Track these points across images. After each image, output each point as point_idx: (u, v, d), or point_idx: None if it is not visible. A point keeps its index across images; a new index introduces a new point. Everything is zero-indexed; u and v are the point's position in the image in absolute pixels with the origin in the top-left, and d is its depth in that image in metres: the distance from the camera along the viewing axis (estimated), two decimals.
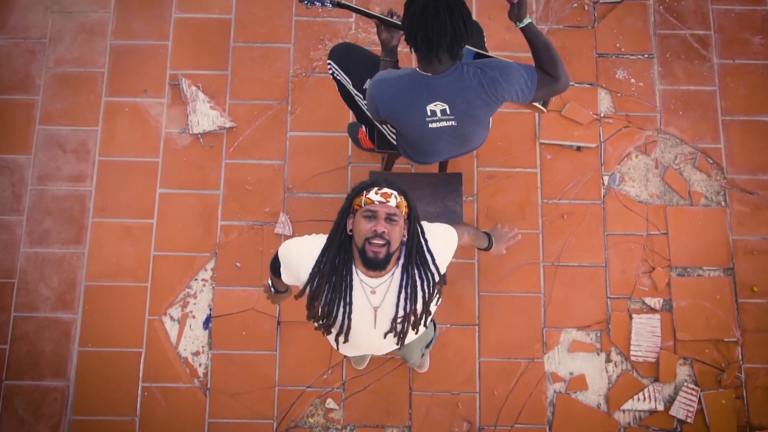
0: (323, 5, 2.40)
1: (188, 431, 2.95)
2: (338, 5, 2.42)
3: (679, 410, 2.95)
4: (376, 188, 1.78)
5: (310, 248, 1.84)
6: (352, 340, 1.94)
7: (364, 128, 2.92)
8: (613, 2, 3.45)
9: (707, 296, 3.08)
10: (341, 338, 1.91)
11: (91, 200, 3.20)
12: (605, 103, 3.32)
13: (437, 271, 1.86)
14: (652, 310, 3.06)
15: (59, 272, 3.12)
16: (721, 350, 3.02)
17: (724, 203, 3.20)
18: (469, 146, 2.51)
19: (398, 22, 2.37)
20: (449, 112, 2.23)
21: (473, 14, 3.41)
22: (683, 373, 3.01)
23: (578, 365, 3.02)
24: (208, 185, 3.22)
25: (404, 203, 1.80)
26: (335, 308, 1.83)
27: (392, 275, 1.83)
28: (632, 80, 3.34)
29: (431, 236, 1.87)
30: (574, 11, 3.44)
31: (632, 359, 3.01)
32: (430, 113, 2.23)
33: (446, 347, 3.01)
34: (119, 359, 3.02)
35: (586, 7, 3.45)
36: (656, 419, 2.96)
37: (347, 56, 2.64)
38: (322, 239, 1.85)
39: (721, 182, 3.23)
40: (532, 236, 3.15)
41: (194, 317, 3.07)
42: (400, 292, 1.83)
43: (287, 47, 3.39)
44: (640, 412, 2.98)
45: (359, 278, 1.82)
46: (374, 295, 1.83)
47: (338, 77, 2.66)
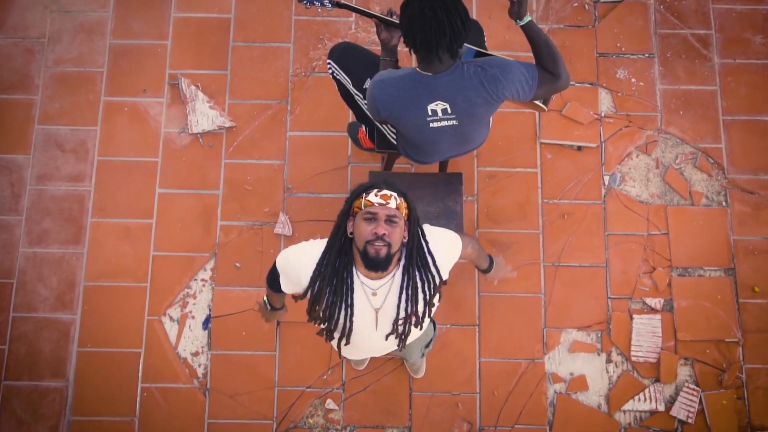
0: (322, 5, 2.39)
1: None
2: (338, 5, 2.40)
3: (680, 411, 2.95)
4: (375, 190, 1.77)
5: (309, 253, 1.84)
6: (353, 342, 1.94)
7: (363, 128, 2.91)
8: (613, 2, 3.44)
9: (708, 296, 3.07)
10: (343, 341, 1.91)
11: (90, 200, 3.19)
12: (606, 102, 3.32)
13: (438, 273, 1.86)
14: (652, 310, 3.06)
15: (58, 272, 3.11)
16: (722, 350, 3.01)
17: (725, 203, 3.20)
18: (469, 145, 2.50)
19: (398, 21, 2.36)
20: (450, 111, 2.22)
21: (473, 14, 3.40)
22: (684, 373, 3.00)
23: (579, 366, 3.02)
24: (207, 185, 3.21)
25: (404, 204, 1.80)
26: (337, 311, 1.83)
27: (393, 277, 1.82)
28: (633, 80, 3.34)
29: (432, 238, 1.87)
30: (574, 11, 3.43)
31: (633, 359, 3.00)
32: (431, 113, 2.22)
33: (446, 347, 3.01)
34: (118, 360, 3.01)
35: (586, 6, 3.44)
36: (657, 420, 2.96)
37: (347, 56, 2.63)
38: (320, 243, 1.85)
39: (722, 182, 3.22)
40: (532, 236, 3.14)
41: (194, 317, 3.06)
42: (401, 293, 1.82)
43: (287, 47, 3.38)
44: (640, 412, 2.97)
45: (360, 280, 1.82)
46: (375, 297, 1.83)
47: (338, 77, 2.65)
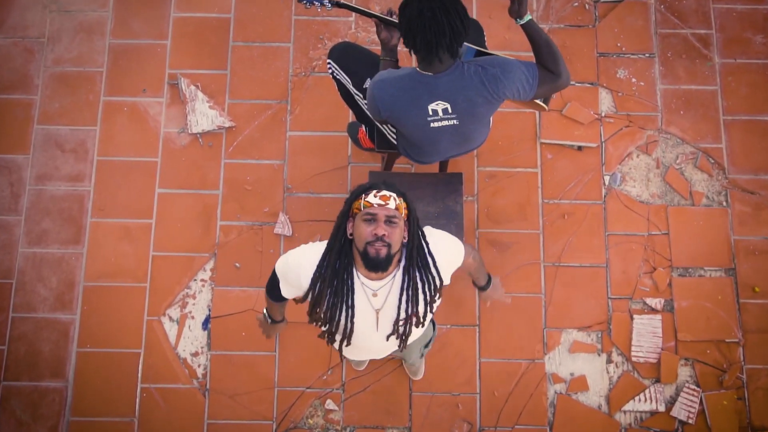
0: (322, 5, 2.38)
1: None
2: (337, 5, 2.40)
3: (680, 411, 2.94)
4: (374, 191, 1.77)
5: (308, 256, 1.85)
6: (354, 343, 1.94)
7: (363, 128, 2.91)
8: (613, 1, 3.43)
9: (709, 297, 3.06)
10: (344, 342, 1.91)
11: (89, 200, 3.19)
12: (606, 102, 3.31)
13: (438, 275, 1.85)
14: (653, 310, 3.05)
15: (58, 272, 3.11)
16: (722, 351, 3.01)
17: (725, 203, 3.19)
18: (470, 145, 2.50)
19: (397, 21, 2.35)
20: (451, 111, 2.21)
21: (473, 13, 3.40)
22: (684, 373, 3.00)
23: (579, 366, 3.01)
24: (207, 185, 3.20)
25: (404, 205, 1.80)
26: (337, 312, 1.83)
27: (393, 277, 1.82)
28: (633, 80, 3.33)
29: (433, 239, 1.87)
30: (574, 10, 3.42)
31: (633, 360, 2.99)
32: (431, 113, 2.22)
33: (446, 348, 3.00)
34: (118, 360, 3.01)
35: (586, 6, 3.43)
36: (657, 420, 2.95)
37: (347, 55, 2.63)
38: (319, 246, 1.85)
39: (722, 182, 3.21)
40: (532, 236, 3.13)
41: (193, 318, 3.06)
42: (401, 294, 1.82)
43: (287, 46, 3.38)
44: (641, 413, 2.96)
45: (360, 281, 1.82)
46: (376, 297, 1.83)
47: (338, 76, 2.65)
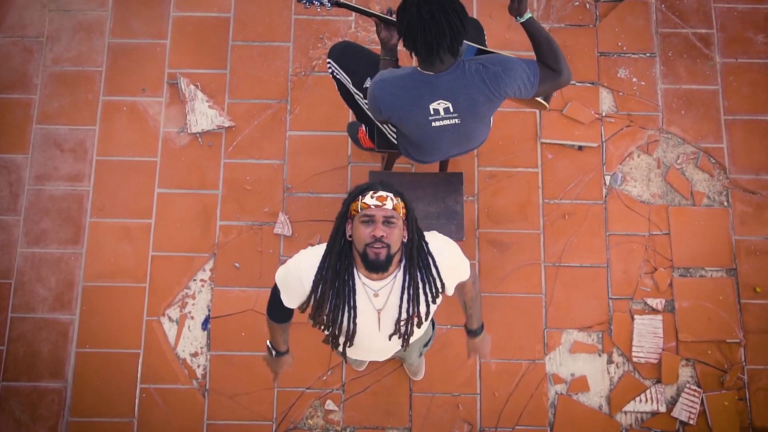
0: (322, 4, 2.37)
1: None
2: (337, 4, 2.39)
3: (681, 412, 2.93)
4: (371, 192, 1.76)
5: (308, 259, 1.85)
6: (357, 344, 1.94)
7: (363, 127, 2.90)
8: (614, 0, 3.42)
9: (710, 297, 3.06)
10: (347, 343, 1.91)
11: (88, 200, 3.18)
12: (607, 102, 3.30)
13: (438, 275, 1.85)
14: (654, 310, 3.04)
15: (57, 273, 3.10)
16: (723, 351, 3.00)
17: (726, 203, 3.18)
18: (471, 144, 2.49)
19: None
20: (452, 110, 2.21)
21: (474, 13, 3.39)
22: (685, 374, 2.99)
23: (580, 366, 3.00)
24: (206, 185, 3.20)
25: (401, 204, 1.79)
26: (340, 314, 1.83)
27: (394, 277, 1.82)
28: (634, 79, 3.32)
29: (435, 241, 1.87)
30: (575, 10, 3.41)
31: (634, 360, 2.99)
32: (433, 112, 2.21)
33: (447, 348, 2.99)
34: (117, 360, 3.00)
35: (587, 5, 3.42)
36: (658, 421, 2.94)
37: (347, 55, 2.62)
38: (318, 249, 1.86)
39: (723, 182, 3.20)
40: (533, 236, 3.12)
41: (193, 318, 3.05)
42: (402, 293, 1.82)
43: (286, 46, 3.37)
44: (642, 413, 2.96)
45: (362, 282, 1.82)
46: (377, 298, 1.83)
47: (338, 76, 2.64)
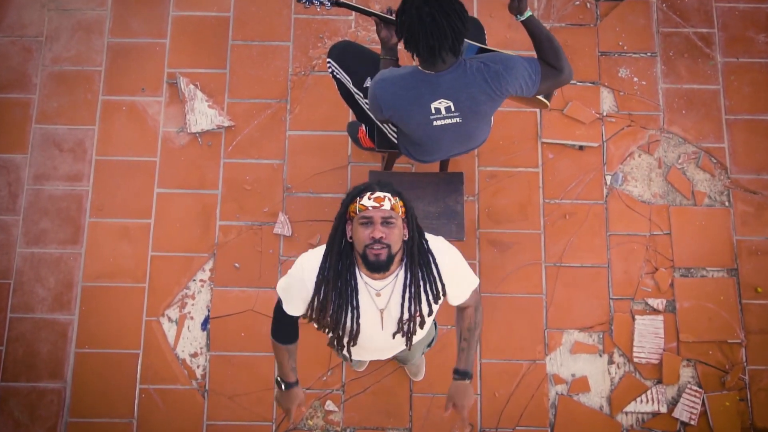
0: (322, 3, 2.37)
1: None
2: (337, 3, 2.38)
3: (682, 412, 2.93)
4: (368, 193, 1.76)
5: (309, 261, 1.85)
6: (360, 343, 1.94)
7: (363, 127, 2.89)
8: (615, 0, 3.42)
9: (711, 297, 3.05)
10: (350, 344, 1.91)
11: (88, 200, 3.17)
12: (608, 101, 3.29)
13: (438, 275, 1.84)
14: (655, 311, 3.04)
15: (56, 273, 3.09)
16: (724, 352, 2.99)
17: (727, 203, 3.17)
18: (472, 143, 2.49)
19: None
20: (454, 109, 2.20)
21: (474, 12, 3.38)
22: (686, 374, 2.98)
23: (580, 367, 2.99)
24: (206, 185, 3.19)
25: (400, 204, 1.78)
26: (343, 314, 1.83)
27: (396, 276, 1.82)
28: (635, 79, 3.31)
29: (436, 243, 1.88)
30: (576, 9, 3.41)
31: (635, 361, 2.98)
32: (434, 111, 2.21)
33: (447, 349, 2.98)
34: (116, 361, 2.99)
35: (588, 4, 3.41)
36: (659, 421, 2.94)
37: (347, 54, 2.61)
38: (318, 251, 1.86)
39: (724, 182, 3.20)
40: (533, 236, 3.12)
41: (192, 318, 3.04)
42: (404, 292, 1.82)
43: (286, 45, 3.36)
44: (642, 414, 2.95)
45: (364, 281, 1.82)
46: (379, 297, 1.83)
47: (338, 75, 2.64)
